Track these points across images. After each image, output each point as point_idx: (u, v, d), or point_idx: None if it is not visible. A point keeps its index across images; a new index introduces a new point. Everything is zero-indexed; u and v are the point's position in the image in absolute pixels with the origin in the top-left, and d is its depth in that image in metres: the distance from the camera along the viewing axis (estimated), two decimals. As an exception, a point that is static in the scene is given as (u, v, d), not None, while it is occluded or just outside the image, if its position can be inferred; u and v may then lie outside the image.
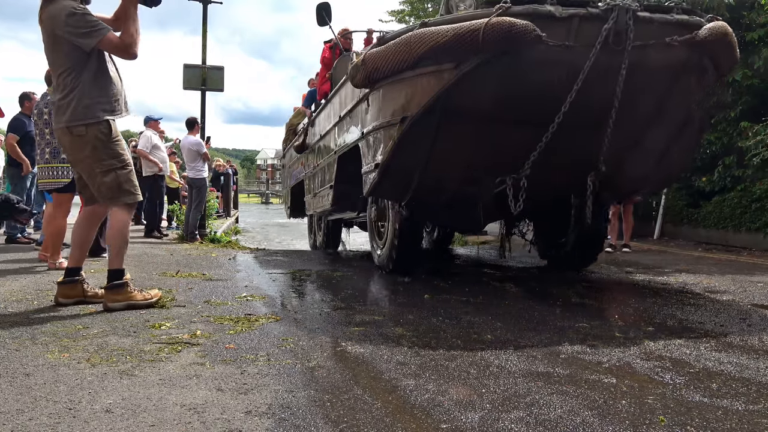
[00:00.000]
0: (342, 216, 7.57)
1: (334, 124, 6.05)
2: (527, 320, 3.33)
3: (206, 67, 9.61)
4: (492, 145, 3.93)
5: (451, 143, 3.94)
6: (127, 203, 3.47)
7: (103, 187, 3.39)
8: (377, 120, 4.34)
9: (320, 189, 7.10)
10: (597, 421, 1.83)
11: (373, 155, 4.51)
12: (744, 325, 3.33)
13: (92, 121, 3.30)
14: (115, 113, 3.40)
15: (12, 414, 1.79)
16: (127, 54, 3.33)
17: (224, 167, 17.02)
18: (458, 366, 2.40)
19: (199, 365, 2.33)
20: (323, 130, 6.76)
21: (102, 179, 3.37)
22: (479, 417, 1.85)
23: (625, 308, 3.88)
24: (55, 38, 3.28)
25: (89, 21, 3.24)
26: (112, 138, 3.37)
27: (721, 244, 8.57)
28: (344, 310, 3.56)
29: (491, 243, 9.05)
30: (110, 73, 3.41)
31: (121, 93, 3.47)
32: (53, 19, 3.24)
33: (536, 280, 5.20)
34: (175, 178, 11.31)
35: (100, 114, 3.31)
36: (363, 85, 4.27)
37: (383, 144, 4.25)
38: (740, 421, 1.86)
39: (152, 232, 8.83)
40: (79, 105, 3.28)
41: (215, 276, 4.93)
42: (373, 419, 1.82)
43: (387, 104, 4.17)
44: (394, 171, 4.25)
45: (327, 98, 6.53)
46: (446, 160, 4.07)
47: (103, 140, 3.33)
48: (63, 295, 3.46)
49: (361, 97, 4.72)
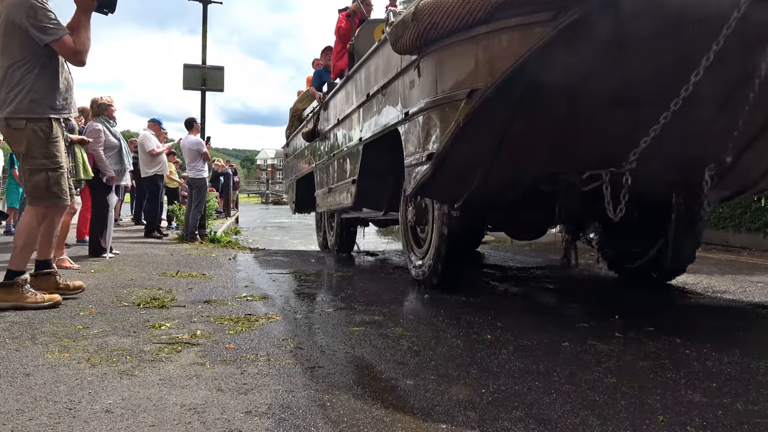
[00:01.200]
0: (360, 215, 6.57)
1: (357, 106, 5.13)
2: (527, 320, 3.32)
3: (206, 67, 9.62)
4: (588, 129, 3.01)
5: (533, 126, 3.00)
6: (49, 206, 3.43)
7: (30, 185, 3.38)
8: (431, 95, 3.39)
9: (337, 184, 6.12)
10: (597, 421, 1.83)
11: (422, 143, 3.59)
12: (744, 325, 3.33)
13: (34, 116, 3.28)
14: (62, 113, 3.40)
15: (12, 414, 1.79)
16: (77, 60, 3.35)
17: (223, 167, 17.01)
18: (458, 366, 2.40)
19: (199, 365, 2.33)
20: (341, 113, 5.81)
21: (30, 177, 3.36)
22: (479, 417, 1.85)
23: (625, 308, 3.88)
24: (11, 26, 3.25)
25: (50, 18, 3.25)
26: (51, 137, 3.34)
27: (721, 244, 8.57)
28: (344, 311, 3.56)
29: (491, 243, 9.05)
30: (63, 73, 3.42)
31: (71, 95, 3.49)
32: (14, 5, 3.22)
33: (536, 280, 5.20)
34: (174, 178, 11.31)
35: (45, 111, 3.30)
36: (411, 49, 3.35)
37: (439, 128, 3.34)
38: (740, 421, 1.86)
39: (152, 232, 8.84)
40: (26, 99, 3.26)
41: (215, 276, 4.93)
42: (373, 419, 1.82)
43: (447, 74, 3.22)
44: (454, 163, 3.37)
45: (346, 75, 5.56)
46: (523, 149, 3.16)
47: (40, 138, 3.31)
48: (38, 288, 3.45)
49: (403, 67, 3.81)
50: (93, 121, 6.09)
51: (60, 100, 3.38)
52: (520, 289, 4.53)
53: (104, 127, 6.02)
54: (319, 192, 7.24)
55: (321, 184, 7.10)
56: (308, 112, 7.88)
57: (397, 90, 4.00)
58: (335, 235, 7.77)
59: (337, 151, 6.03)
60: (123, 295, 3.87)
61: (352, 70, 5.31)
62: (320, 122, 6.81)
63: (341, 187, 5.92)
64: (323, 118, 6.72)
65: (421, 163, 3.58)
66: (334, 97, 6.22)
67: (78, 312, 3.29)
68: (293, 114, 8.76)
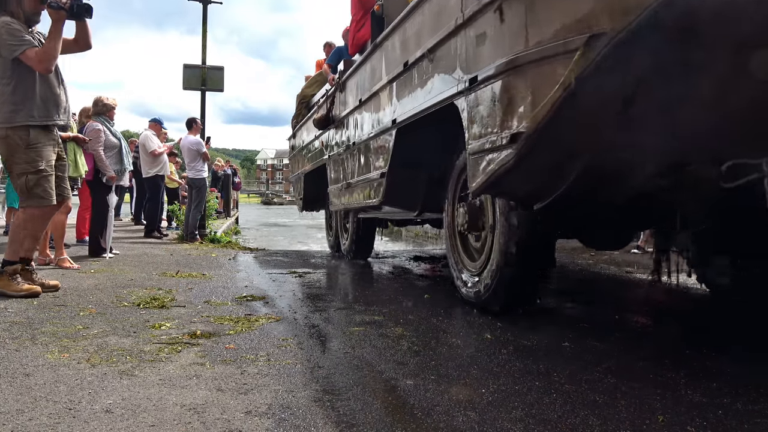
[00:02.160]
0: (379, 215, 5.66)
1: (389, 81, 4.17)
2: (527, 320, 3.32)
3: (206, 67, 9.62)
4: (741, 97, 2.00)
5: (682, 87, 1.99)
6: (33, 206, 3.73)
7: (17, 188, 3.76)
8: (516, 50, 2.44)
9: (359, 178, 5.13)
10: (597, 421, 1.83)
11: (500, 119, 2.62)
12: (744, 325, 3.33)
13: (12, 125, 3.62)
14: (43, 120, 3.69)
15: (12, 414, 1.79)
16: (41, 69, 3.63)
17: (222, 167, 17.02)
18: (458, 366, 2.40)
19: (199, 365, 2.33)
20: (365, 92, 4.84)
21: (15, 181, 3.72)
22: (479, 417, 1.85)
23: (625, 308, 3.88)
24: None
25: (14, 35, 3.57)
26: (30, 144, 3.65)
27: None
28: (344, 311, 3.56)
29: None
30: (46, 83, 3.70)
31: (53, 101, 3.75)
32: None
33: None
34: (174, 178, 11.31)
35: (23, 119, 3.62)
36: None
37: (531, 96, 2.37)
38: (740, 421, 1.86)
39: (152, 232, 8.84)
40: (4, 109, 3.61)
41: (215, 276, 4.93)
42: (373, 419, 1.82)
43: (547, 15, 2.28)
44: (552, 146, 2.43)
45: (371, 46, 4.65)
46: (658, 123, 2.17)
47: (19, 145, 3.64)
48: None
49: (468, 16, 2.87)
50: (93, 121, 6.09)
51: (39, 109, 3.68)
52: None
53: (104, 126, 6.02)
54: (333, 188, 6.24)
55: (336, 179, 6.11)
56: (318, 97, 6.94)
57: (456, 50, 3.06)
58: (350, 239, 6.83)
59: (359, 139, 5.05)
60: (123, 295, 3.87)
61: (381, 37, 4.36)
62: (335, 107, 5.89)
63: (363, 183, 4.98)
64: (339, 102, 5.78)
65: (499, 148, 2.62)
66: (353, 75, 5.22)
67: (78, 312, 3.29)
68: (300, 101, 7.95)
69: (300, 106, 8.01)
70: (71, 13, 3.62)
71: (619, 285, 5.06)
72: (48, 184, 3.73)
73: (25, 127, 3.64)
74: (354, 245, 6.75)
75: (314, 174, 7.44)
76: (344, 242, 7.13)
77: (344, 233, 7.14)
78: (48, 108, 3.72)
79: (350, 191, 5.48)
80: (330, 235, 8.27)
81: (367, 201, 4.85)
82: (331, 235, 8.18)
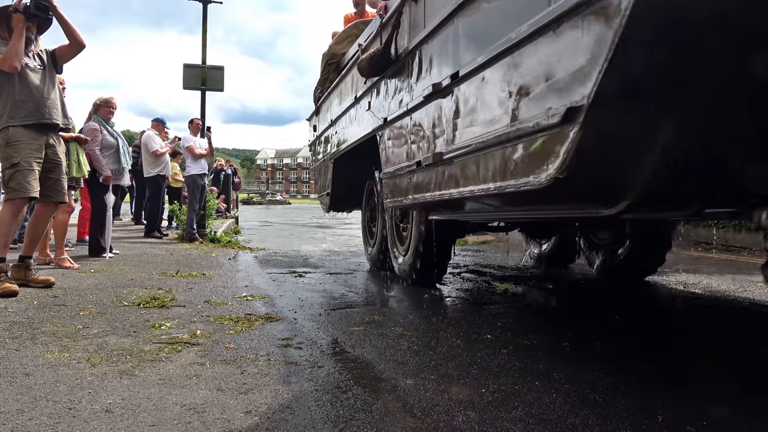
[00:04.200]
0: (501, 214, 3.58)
1: None
2: (527, 320, 3.32)
3: (206, 66, 9.60)
4: None
5: None
6: (8, 199, 3.94)
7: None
8: None
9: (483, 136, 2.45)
10: (597, 421, 1.83)
11: None
12: (744, 325, 3.33)
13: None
14: (25, 120, 3.90)
15: (12, 414, 1.79)
16: (5, 67, 3.85)
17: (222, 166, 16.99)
18: (458, 366, 2.40)
19: (199, 365, 2.33)
20: None
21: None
22: (479, 417, 1.85)
23: (624, 308, 3.88)
24: None
25: None
26: (10, 142, 3.90)
27: (721, 244, 8.57)
28: (344, 310, 3.56)
29: (491, 243, 9.04)
30: (24, 85, 3.91)
31: (33, 101, 3.93)
32: None
33: (536, 280, 5.20)
34: (178, 178, 11.30)
35: (4, 122, 3.89)
36: None
37: None
38: (740, 420, 1.86)
39: (152, 232, 8.83)
40: None
41: (215, 276, 4.93)
42: (373, 419, 1.82)
43: None
44: None
45: None
46: None
47: (1, 145, 3.93)
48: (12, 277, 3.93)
49: None
50: (91, 121, 6.10)
51: (19, 110, 3.90)
52: (520, 289, 4.53)
53: (101, 126, 6.03)
54: (394, 170, 3.89)
55: (400, 156, 3.76)
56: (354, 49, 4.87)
57: None
58: (412, 253, 4.50)
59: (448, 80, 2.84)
60: (123, 294, 3.87)
61: None
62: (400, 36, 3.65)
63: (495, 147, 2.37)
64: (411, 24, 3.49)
65: None
66: None
67: (78, 312, 3.29)
68: (328, 61, 5.83)
69: (327, 68, 5.89)
70: (28, 14, 3.89)
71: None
72: (23, 177, 3.88)
73: (5, 128, 3.89)
74: (419, 263, 4.43)
75: (349, 157, 5.44)
76: (399, 257, 4.85)
77: (398, 244, 4.93)
78: (28, 108, 3.92)
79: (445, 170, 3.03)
80: (370, 245, 5.98)
81: (511, 182, 2.24)
82: (371, 246, 5.90)
